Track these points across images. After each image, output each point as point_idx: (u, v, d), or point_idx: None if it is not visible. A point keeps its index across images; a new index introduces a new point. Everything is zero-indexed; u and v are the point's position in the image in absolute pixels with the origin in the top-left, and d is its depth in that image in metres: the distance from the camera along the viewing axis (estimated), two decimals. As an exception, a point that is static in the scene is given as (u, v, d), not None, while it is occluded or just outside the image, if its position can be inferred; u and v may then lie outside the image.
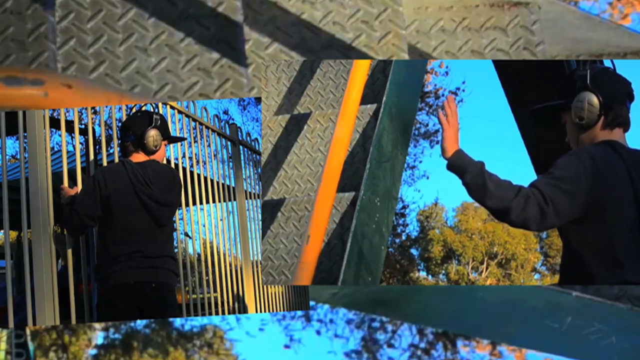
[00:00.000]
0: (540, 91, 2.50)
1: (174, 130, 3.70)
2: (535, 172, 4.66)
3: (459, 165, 1.95)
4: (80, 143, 3.24)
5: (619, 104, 1.99)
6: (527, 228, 1.91)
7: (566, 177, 1.88)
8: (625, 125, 2.02)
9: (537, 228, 1.90)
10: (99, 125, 3.33)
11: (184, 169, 3.83)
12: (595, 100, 1.96)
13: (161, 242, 2.93)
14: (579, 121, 1.98)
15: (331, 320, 2.35)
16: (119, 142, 3.07)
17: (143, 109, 3.19)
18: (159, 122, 3.07)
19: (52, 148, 6.57)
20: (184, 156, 7.30)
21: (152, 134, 3.00)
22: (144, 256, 2.83)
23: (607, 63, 2.12)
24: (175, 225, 3.30)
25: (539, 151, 4.53)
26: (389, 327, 2.33)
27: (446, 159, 1.98)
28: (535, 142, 4.54)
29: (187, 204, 3.76)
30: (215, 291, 4.22)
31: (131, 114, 3.14)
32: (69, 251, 2.96)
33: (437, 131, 14.41)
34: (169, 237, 3.04)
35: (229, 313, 4.21)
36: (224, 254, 4.38)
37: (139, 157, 3.00)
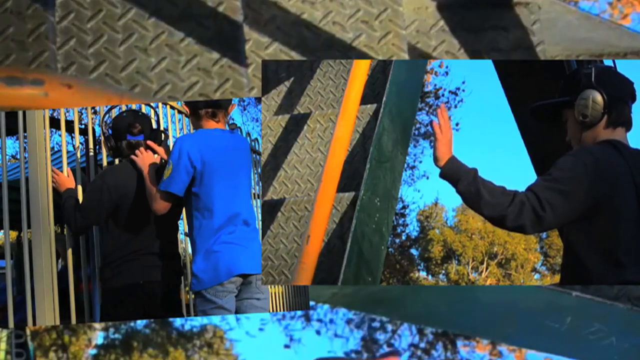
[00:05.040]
0: (540, 91, 2.50)
1: (174, 130, 3.71)
2: (535, 172, 4.66)
3: (452, 173, 1.95)
4: (80, 143, 3.24)
5: (622, 103, 1.99)
6: (523, 232, 1.91)
7: (565, 178, 1.87)
8: (627, 125, 2.01)
9: (533, 232, 1.90)
10: (99, 125, 3.32)
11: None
12: (599, 98, 1.95)
13: (170, 240, 2.93)
14: (582, 119, 1.97)
15: (331, 320, 2.35)
16: (119, 142, 3.00)
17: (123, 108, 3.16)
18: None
19: (52, 148, 6.56)
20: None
21: (161, 132, 3.02)
22: (154, 254, 2.83)
23: (608, 62, 2.12)
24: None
25: (539, 151, 4.52)
26: (389, 327, 2.33)
27: (439, 167, 1.98)
28: (536, 142, 4.53)
29: (187, 204, 3.76)
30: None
31: (124, 113, 3.10)
32: (69, 251, 2.95)
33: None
34: (177, 235, 3.04)
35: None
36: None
37: None
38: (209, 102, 2.71)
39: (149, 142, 2.88)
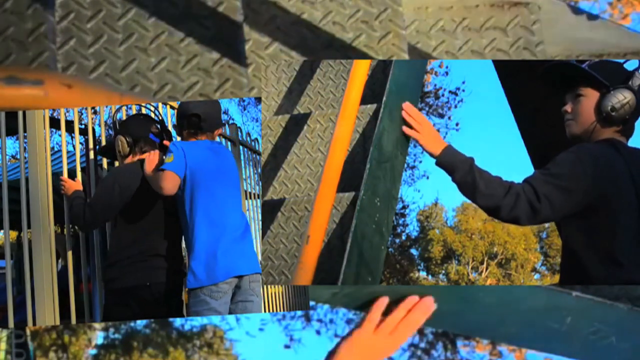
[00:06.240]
0: (540, 91, 2.50)
1: (174, 130, 3.71)
2: (535, 172, 4.65)
3: (448, 163, 1.95)
4: (80, 143, 3.24)
5: (638, 116, 1.98)
6: (518, 224, 1.91)
7: (563, 175, 1.87)
8: (630, 137, 2.01)
9: (528, 224, 1.90)
10: (99, 125, 3.32)
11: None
12: (633, 102, 1.93)
13: (174, 241, 2.94)
14: (609, 111, 1.92)
15: (331, 320, 2.35)
16: (139, 138, 2.99)
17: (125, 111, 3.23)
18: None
19: (52, 148, 6.57)
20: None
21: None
22: (160, 256, 2.84)
23: (634, 63, 2.05)
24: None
25: (539, 151, 4.53)
26: (389, 327, 2.32)
27: (435, 157, 1.98)
28: (536, 142, 4.53)
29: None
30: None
31: (141, 115, 3.13)
32: (69, 251, 2.95)
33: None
34: (180, 237, 3.05)
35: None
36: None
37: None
38: (193, 124, 2.86)
39: (166, 143, 2.97)
